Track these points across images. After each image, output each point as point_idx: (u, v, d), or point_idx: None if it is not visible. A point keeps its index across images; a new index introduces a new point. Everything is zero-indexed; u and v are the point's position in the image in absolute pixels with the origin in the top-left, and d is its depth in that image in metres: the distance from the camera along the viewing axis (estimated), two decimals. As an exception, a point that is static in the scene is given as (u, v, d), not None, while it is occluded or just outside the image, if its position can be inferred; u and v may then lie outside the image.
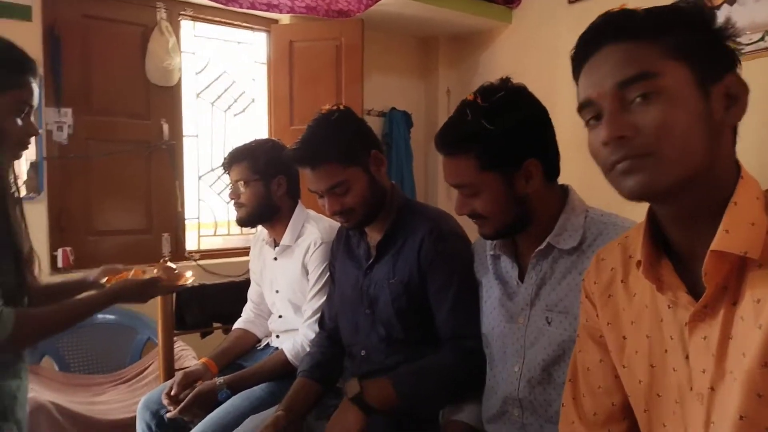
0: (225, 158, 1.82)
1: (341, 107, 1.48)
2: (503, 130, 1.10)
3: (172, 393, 1.63)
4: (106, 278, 1.48)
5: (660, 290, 0.77)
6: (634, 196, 0.72)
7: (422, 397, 1.30)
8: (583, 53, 0.76)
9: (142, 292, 1.43)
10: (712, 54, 0.71)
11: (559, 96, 1.29)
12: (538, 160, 1.13)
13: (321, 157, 1.39)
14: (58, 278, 2.14)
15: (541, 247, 1.15)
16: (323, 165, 1.39)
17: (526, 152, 1.12)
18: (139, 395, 2.00)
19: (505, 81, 1.17)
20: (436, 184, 4.19)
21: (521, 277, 1.21)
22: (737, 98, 0.71)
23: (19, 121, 1.18)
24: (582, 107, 0.76)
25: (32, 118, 1.22)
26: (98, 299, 1.35)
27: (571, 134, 0.78)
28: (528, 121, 1.14)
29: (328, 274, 1.69)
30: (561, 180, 1.23)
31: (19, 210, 1.21)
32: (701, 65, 0.70)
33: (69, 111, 2.86)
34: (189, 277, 1.60)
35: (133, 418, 1.77)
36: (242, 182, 1.76)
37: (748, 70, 0.73)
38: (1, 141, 1.15)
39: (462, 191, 1.17)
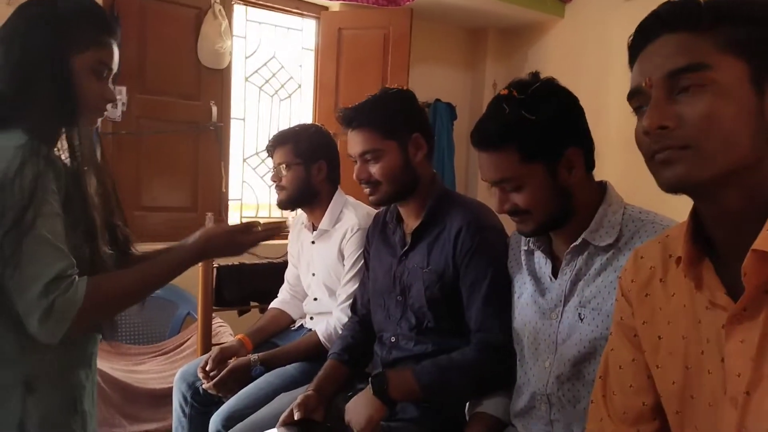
0: (269, 141, 1.86)
1: (405, 89, 1.55)
2: (544, 120, 1.10)
3: (207, 368, 1.69)
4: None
5: (698, 288, 0.76)
6: (671, 187, 0.72)
7: (445, 391, 1.32)
8: (640, 41, 0.76)
9: (231, 241, 1.19)
10: None
11: (611, 95, 1.26)
12: (578, 148, 1.12)
13: (362, 121, 1.44)
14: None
15: (577, 243, 1.14)
16: (362, 129, 1.43)
17: (566, 141, 1.12)
18: (176, 367, 2.07)
19: (536, 74, 1.17)
20: (477, 178, 4.16)
21: (555, 273, 1.20)
22: None
23: (97, 85, 1.08)
24: (632, 95, 0.76)
25: (111, 84, 1.12)
26: (180, 256, 1.15)
27: (620, 132, 0.78)
28: (566, 109, 1.14)
29: (363, 260, 1.71)
30: (609, 177, 1.21)
31: (97, 179, 1.10)
32: (760, 62, 0.68)
33: (124, 89, 2.96)
34: (286, 217, 1.56)
35: (170, 389, 1.84)
36: (284, 165, 1.79)
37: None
38: (78, 103, 1.05)
39: (503, 187, 1.15)
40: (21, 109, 1.01)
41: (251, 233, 1.21)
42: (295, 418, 1.37)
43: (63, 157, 1.06)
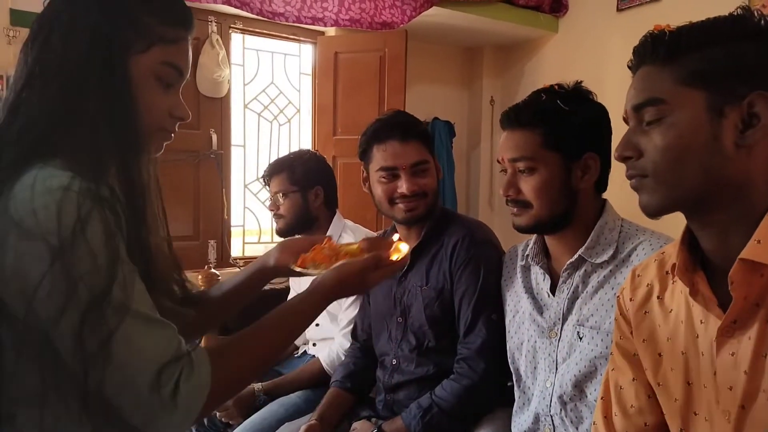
0: (265, 171, 1.87)
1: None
2: (576, 115, 1.12)
3: None
4: (298, 259, 0.98)
5: (693, 296, 0.77)
6: (644, 212, 0.78)
7: (436, 429, 1.32)
8: (632, 71, 0.80)
9: (365, 279, 0.93)
10: (739, 72, 0.70)
11: (606, 106, 1.24)
12: (599, 157, 1.14)
13: (415, 131, 1.44)
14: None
15: (573, 259, 1.14)
16: (415, 139, 1.43)
17: (589, 145, 1.13)
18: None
19: (579, 82, 1.20)
20: (477, 195, 4.16)
21: (553, 290, 1.19)
22: (759, 119, 0.70)
23: (164, 97, 0.80)
24: (624, 121, 0.82)
25: (181, 97, 0.83)
26: (313, 302, 0.89)
27: (616, 144, 0.81)
28: (597, 117, 1.16)
29: None
30: (610, 192, 1.22)
31: (156, 215, 0.86)
32: (719, 87, 0.71)
33: (124, 121, 2.99)
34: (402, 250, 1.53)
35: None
36: (281, 194, 1.80)
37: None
38: (137, 122, 0.77)
39: (516, 167, 1.15)
40: (60, 132, 0.73)
41: (381, 268, 0.95)
42: None
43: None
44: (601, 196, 1.19)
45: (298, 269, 0.97)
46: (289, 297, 2.03)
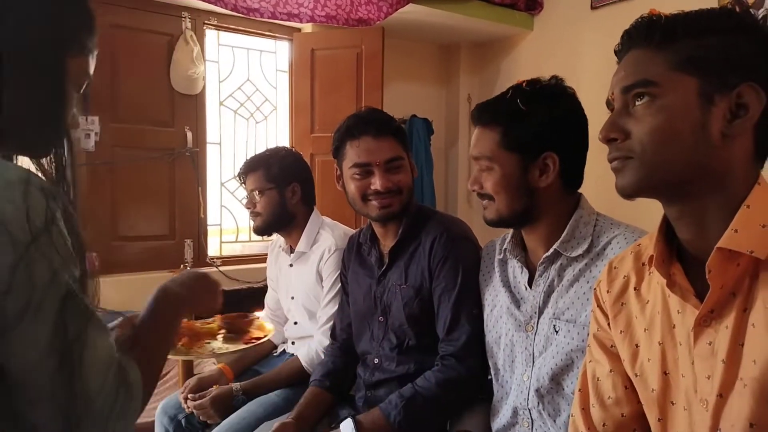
0: (240, 169, 1.84)
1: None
2: (533, 117, 1.12)
3: (181, 397, 1.67)
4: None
5: (670, 287, 0.77)
6: (621, 193, 0.78)
7: (415, 421, 1.30)
8: (618, 54, 0.80)
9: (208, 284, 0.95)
10: (731, 62, 0.71)
11: (582, 102, 1.24)
12: (558, 157, 1.13)
13: (389, 128, 1.43)
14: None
15: (548, 253, 1.14)
16: (389, 136, 1.42)
17: (547, 145, 1.12)
18: (158, 400, 2.02)
19: (558, 78, 1.19)
20: (456, 192, 4.18)
21: (530, 283, 1.19)
22: (746, 110, 0.71)
23: (74, 101, 0.82)
24: (607, 104, 0.82)
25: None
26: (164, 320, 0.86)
27: (593, 140, 0.81)
28: (561, 117, 1.14)
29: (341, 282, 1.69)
30: (584, 184, 1.22)
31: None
32: (711, 75, 0.72)
33: (96, 119, 2.93)
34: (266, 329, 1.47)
35: (152, 423, 1.79)
36: (257, 191, 1.78)
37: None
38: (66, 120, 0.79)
39: (479, 164, 1.18)
40: (12, 118, 0.72)
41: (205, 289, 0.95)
42: None
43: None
44: (573, 191, 1.19)
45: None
46: (267, 296, 2.02)
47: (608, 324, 0.90)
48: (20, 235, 0.62)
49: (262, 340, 1.65)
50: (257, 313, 1.87)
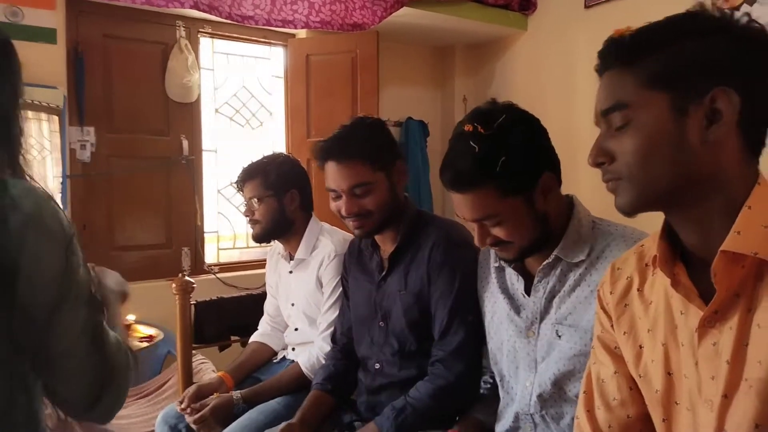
0: (238, 176, 1.83)
1: (374, 117, 1.51)
2: (516, 154, 1.07)
3: (182, 406, 1.64)
4: None
5: (674, 286, 0.77)
6: (622, 213, 0.79)
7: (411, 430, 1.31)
8: (598, 74, 0.80)
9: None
10: (699, 69, 0.71)
11: (577, 102, 1.25)
12: (551, 171, 1.12)
13: (352, 153, 1.38)
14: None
15: (549, 260, 1.13)
16: (352, 161, 1.38)
17: (540, 168, 1.11)
18: (159, 409, 2.01)
19: (495, 103, 1.15)
20: (454, 194, 4.17)
21: (527, 290, 1.18)
22: (720, 114, 0.70)
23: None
24: (596, 125, 0.82)
25: None
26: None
27: (590, 140, 0.80)
28: (533, 137, 1.12)
29: (341, 287, 1.68)
30: (580, 188, 1.21)
31: None
32: (681, 86, 0.71)
33: (92, 130, 2.93)
34: None
35: (153, 432, 1.78)
36: (256, 199, 1.77)
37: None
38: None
39: (483, 223, 1.12)
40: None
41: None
42: None
43: None
44: (561, 194, 1.17)
45: None
46: (266, 302, 2.01)
47: (612, 325, 0.90)
48: (63, 241, 0.77)
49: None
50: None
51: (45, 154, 2.64)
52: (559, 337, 1.11)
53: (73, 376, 0.79)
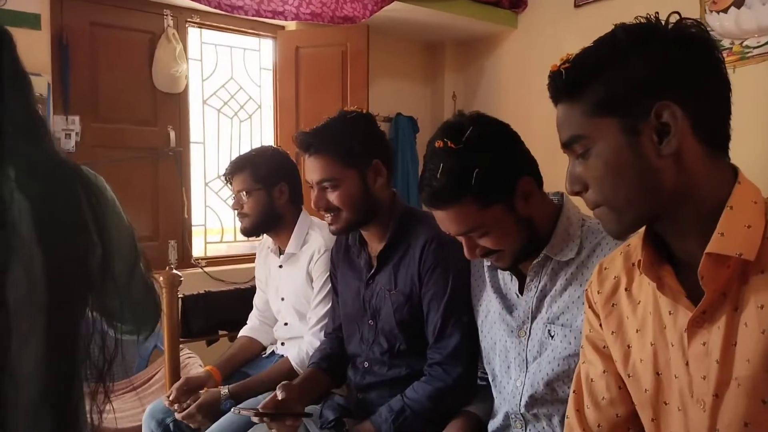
0: (226, 169, 1.81)
1: (363, 111, 1.49)
2: (489, 164, 1.07)
3: (171, 398, 1.63)
4: None
5: (660, 289, 0.78)
6: (615, 238, 0.81)
7: (407, 429, 1.31)
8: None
9: None
10: (638, 87, 0.71)
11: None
12: (528, 175, 1.12)
13: (321, 148, 1.39)
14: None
15: (538, 259, 1.14)
16: (320, 155, 1.39)
17: (516, 174, 1.11)
18: (146, 403, 1.99)
19: (462, 115, 1.15)
20: (443, 189, 4.18)
21: (521, 289, 1.19)
22: (669, 127, 0.71)
23: None
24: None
25: None
26: None
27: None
28: (505, 145, 1.12)
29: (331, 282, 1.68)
30: (559, 188, 1.21)
31: None
32: (625, 108, 0.72)
33: (77, 119, 2.87)
34: None
35: (140, 427, 1.77)
36: (244, 192, 1.75)
37: (755, 73, 0.73)
38: None
39: (470, 236, 1.13)
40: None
41: None
42: (278, 398, 1.34)
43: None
44: (544, 193, 1.17)
45: None
46: (255, 297, 2.00)
47: (600, 325, 0.91)
48: (120, 207, 0.89)
49: None
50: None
51: (29, 143, 2.59)
52: (552, 337, 1.12)
53: (147, 311, 0.98)
